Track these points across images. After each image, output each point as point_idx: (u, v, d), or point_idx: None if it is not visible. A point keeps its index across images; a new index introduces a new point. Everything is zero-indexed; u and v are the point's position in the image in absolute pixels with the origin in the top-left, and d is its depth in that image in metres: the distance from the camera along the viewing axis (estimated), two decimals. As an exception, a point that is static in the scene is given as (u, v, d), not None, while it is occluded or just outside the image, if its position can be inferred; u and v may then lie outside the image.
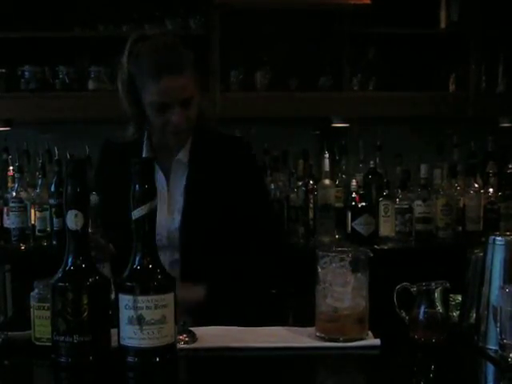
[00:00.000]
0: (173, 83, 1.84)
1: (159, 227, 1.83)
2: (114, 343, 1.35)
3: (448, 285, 1.50)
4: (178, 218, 1.94)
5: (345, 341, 1.49)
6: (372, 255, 1.53)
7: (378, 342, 1.50)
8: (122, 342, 1.32)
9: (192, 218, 1.93)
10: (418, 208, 3.30)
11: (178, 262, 1.94)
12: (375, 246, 3.19)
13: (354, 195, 3.35)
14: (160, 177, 1.96)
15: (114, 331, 1.35)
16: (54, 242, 3.13)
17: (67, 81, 3.46)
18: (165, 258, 1.89)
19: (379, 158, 3.52)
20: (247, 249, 1.93)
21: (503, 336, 1.36)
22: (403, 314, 1.53)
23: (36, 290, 1.48)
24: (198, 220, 1.92)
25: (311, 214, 3.35)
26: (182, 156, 1.98)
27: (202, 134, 1.99)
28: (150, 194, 1.35)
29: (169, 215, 1.95)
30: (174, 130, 1.89)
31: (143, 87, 1.87)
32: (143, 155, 1.97)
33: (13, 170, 3.38)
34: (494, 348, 1.43)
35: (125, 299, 1.31)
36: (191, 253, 1.93)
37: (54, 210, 3.10)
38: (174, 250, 1.94)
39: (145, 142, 2.00)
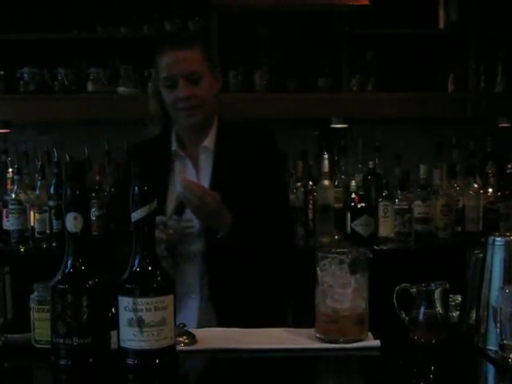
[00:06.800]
0: (177, 56, 1.98)
1: (192, 216, 1.97)
2: (113, 345, 1.35)
3: (448, 285, 1.50)
4: None
5: (345, 342, 1.49)
6: (371, 256, 1.53)
7: (377, 343, 1.50)
8: (122, 344, 1.32)
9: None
10: (418, 208, 3.30)
11: (205, 252, 1.99)
12: (375, 247, 3.19)
13: (353, 196, 3.35)
14: (189, 166, 2.07)
15: (113, 333, 1.35)
16: (54, 244, 3.14)
17: (66, 83, 3.46)
18: (196, 248, 2.00)
19: (378, 159, 3.52)
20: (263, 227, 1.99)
21: (503, 337, 1.36)
22: (403, 315, 1.53)
23: (36, 293, 1.48)
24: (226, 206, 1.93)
25: (310, 215, 3.35)
26: (208, 143, 2.06)
27: (227, 122, 2.11)
28: (149, 196, 1.35)
29: None
30: (183, 106, 1.99)
31: (158, 71, 2.02)
32: (172, 147, 2.08)
33: (12, 171, 3.37)
34: (493, 349, 1.44)
35: (124, 301, 1.31)
36: (217, 242, 1.95)
37: (53, 211, 3.11)
38: (203, 239, 2.00)
39: (172, 135, 2.10)
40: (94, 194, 3.21)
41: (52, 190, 3.06)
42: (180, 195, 1.90)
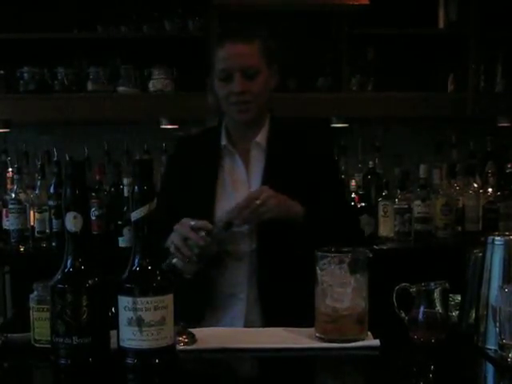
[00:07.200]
0: (235, 49, 1.92)
1: None
2: (113, 345, 1.35)
3: (447, 285, 1.50)
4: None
5: (344, 341, 1.49)
6: (371, 256, 1.52)
7: (377, 342, 1.50)
8: (122, 344, 1.32)
9: None
10: (417, 208, 3.30)
11: (255, 252, 1.92)
12: (374, 246, 3.19)
13: (353, 195, 3.36)
14: (238, 162, 2.00)
15: (113, 333, 1.35)
16: (54, 244, 3.14)
17: (66, 82, 3.46)
18: (245, 248, 1.93)
19: (378, 159, 3.52)
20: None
21: (502, 336, 1.36)
22: (403, 315, 1.53)
23: (35, 292, 1.48)
24: None
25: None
26: (261, 139, 2.00)
27: (279, 119, 2.05)
28: (149, 196, 1.35)
29: None
30: (236, 100, 1.93)
31: (214, 63, 1.95)
32: (222, 142, 2.02)
33: (12, 171, 3.38)
34: (493, 348, 1.44)
35: (124, 301, 1.31)
36: (269, 241, 1.90)
37: (53, 211, 3.11)
38: (254, 238, 1.93)
39: (222, 130, 2.04)
40: (93, 194, 3.22)
41: (52, 190, 3.06)
42: (232, 216, 1.81)
